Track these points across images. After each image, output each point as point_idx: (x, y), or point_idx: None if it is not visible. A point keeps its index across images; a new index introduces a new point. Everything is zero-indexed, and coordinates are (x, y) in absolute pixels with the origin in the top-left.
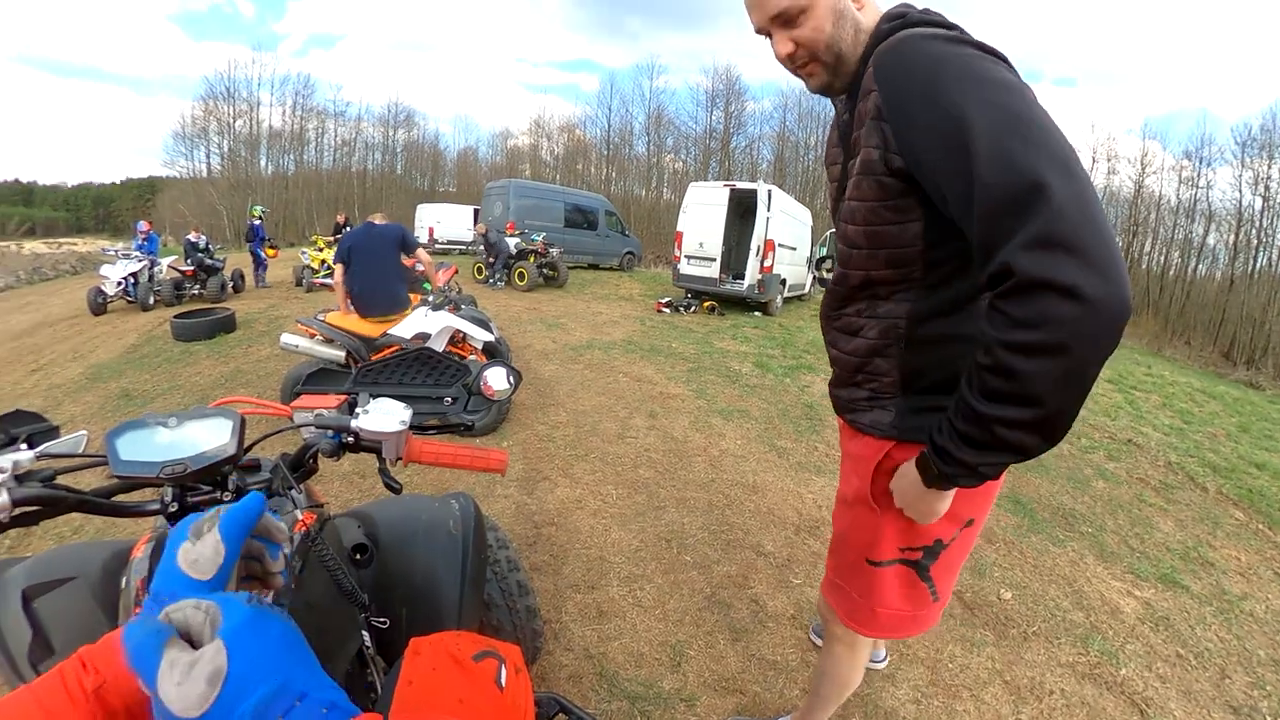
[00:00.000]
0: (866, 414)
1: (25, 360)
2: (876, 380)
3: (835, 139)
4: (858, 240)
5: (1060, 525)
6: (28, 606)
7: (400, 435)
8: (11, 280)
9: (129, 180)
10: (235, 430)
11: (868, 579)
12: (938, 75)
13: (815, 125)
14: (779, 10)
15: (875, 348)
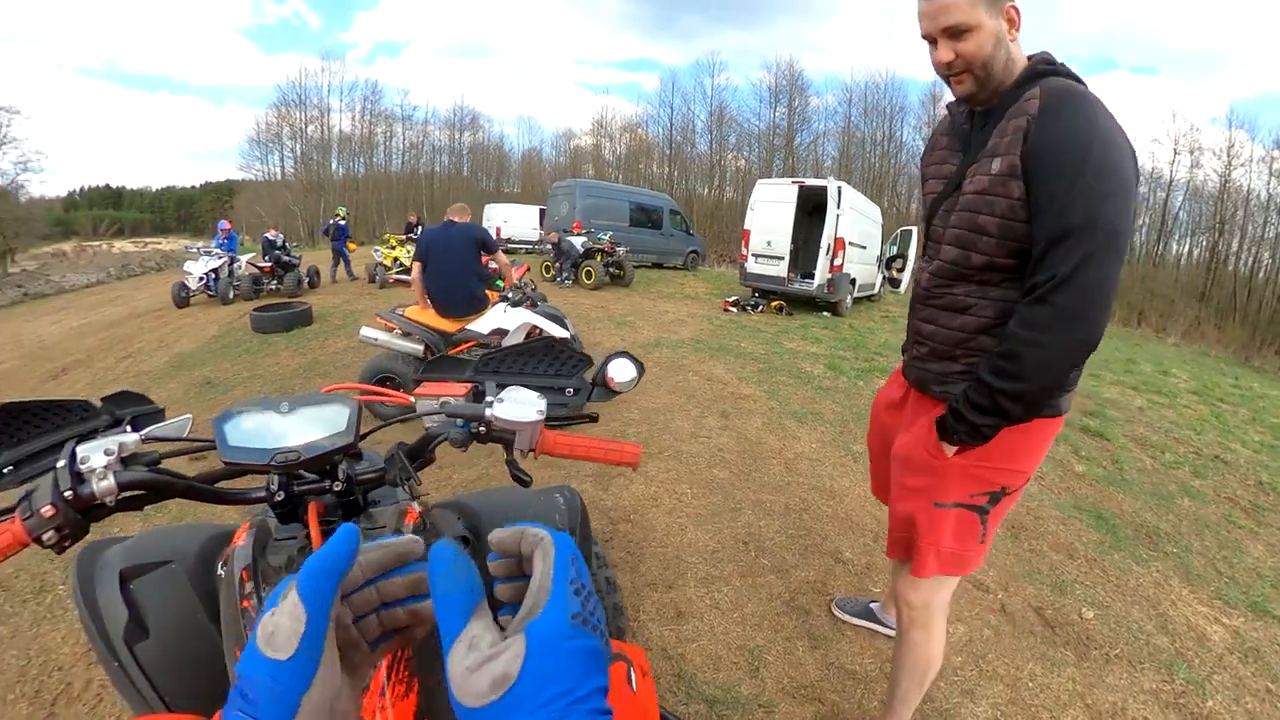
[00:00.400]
0: (960, 384)
1: (116, 348)
2: (975, 356)
3: (947, 141)
4: (989, 228)
5: (1144, 544)
6: (125, 587)
7: (536, 426)
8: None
9: (208, 184)
10: (353, 418)
11: (935, 520)
12: (1090, 147)
13: (881, 120)
14: (952, 24)
15: (984, 326)
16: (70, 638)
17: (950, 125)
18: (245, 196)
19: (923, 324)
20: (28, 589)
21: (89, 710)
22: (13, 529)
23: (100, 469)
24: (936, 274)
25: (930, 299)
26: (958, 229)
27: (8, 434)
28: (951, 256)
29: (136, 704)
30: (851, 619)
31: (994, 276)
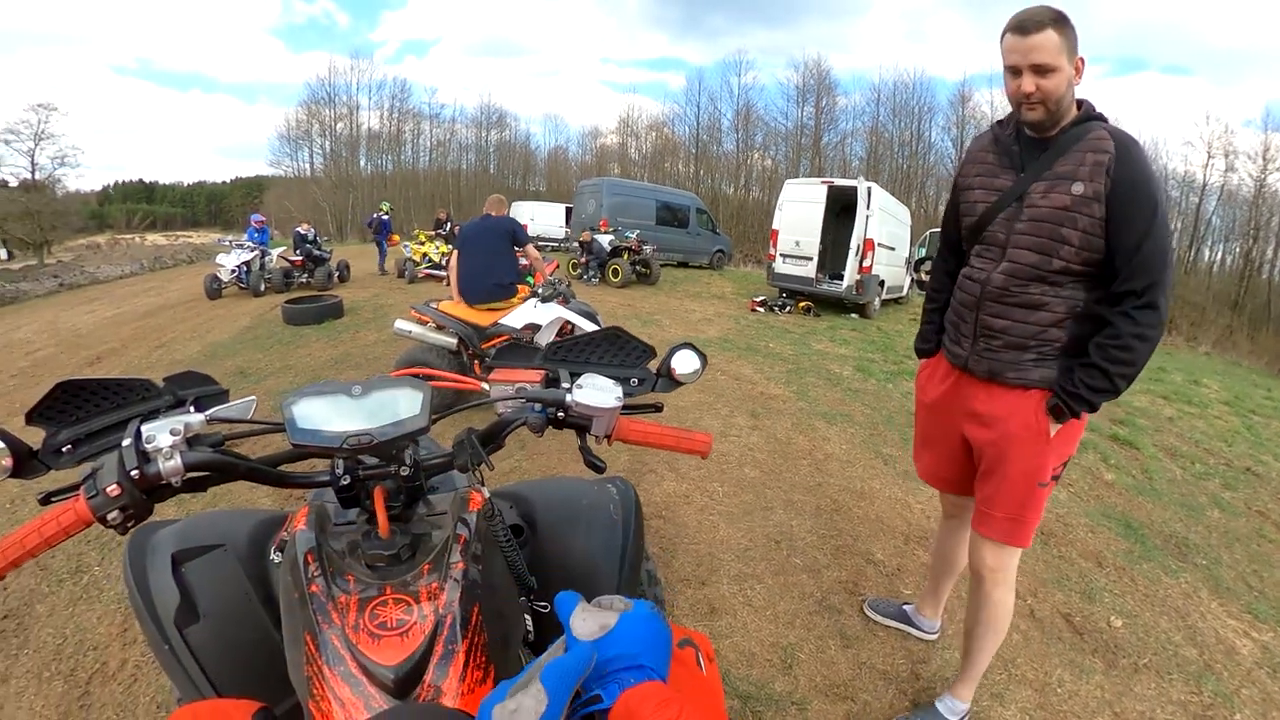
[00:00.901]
0: (1034, 371)
1: (150, 338)
2: (1047, 345)
3: (994, 159)
4: (1072, 239)
5: (1173, 554)
6: (177, 570)
7: (613, 413)
8: (136, 268)
9: (238, 179)
10: (426, 402)
11: (1036, 499)
12: (1157, 189)
13: (909, 120)
14: (1041, 63)
15: (1055, 320)
16: (106, 618)
17: (994, 143)
18: (275, 192)
19: (994, 319)
20: (64, 569)
21: (124, 690)
22: (76, 508)
23: (166, 449)
24: (1011, 275)
25: (1004, 297)
26: (1035, 236)
27: (68, 412)
28: (1031, 260)
29: (185, 687)
30: (884, 620)
31: (1064, 279)
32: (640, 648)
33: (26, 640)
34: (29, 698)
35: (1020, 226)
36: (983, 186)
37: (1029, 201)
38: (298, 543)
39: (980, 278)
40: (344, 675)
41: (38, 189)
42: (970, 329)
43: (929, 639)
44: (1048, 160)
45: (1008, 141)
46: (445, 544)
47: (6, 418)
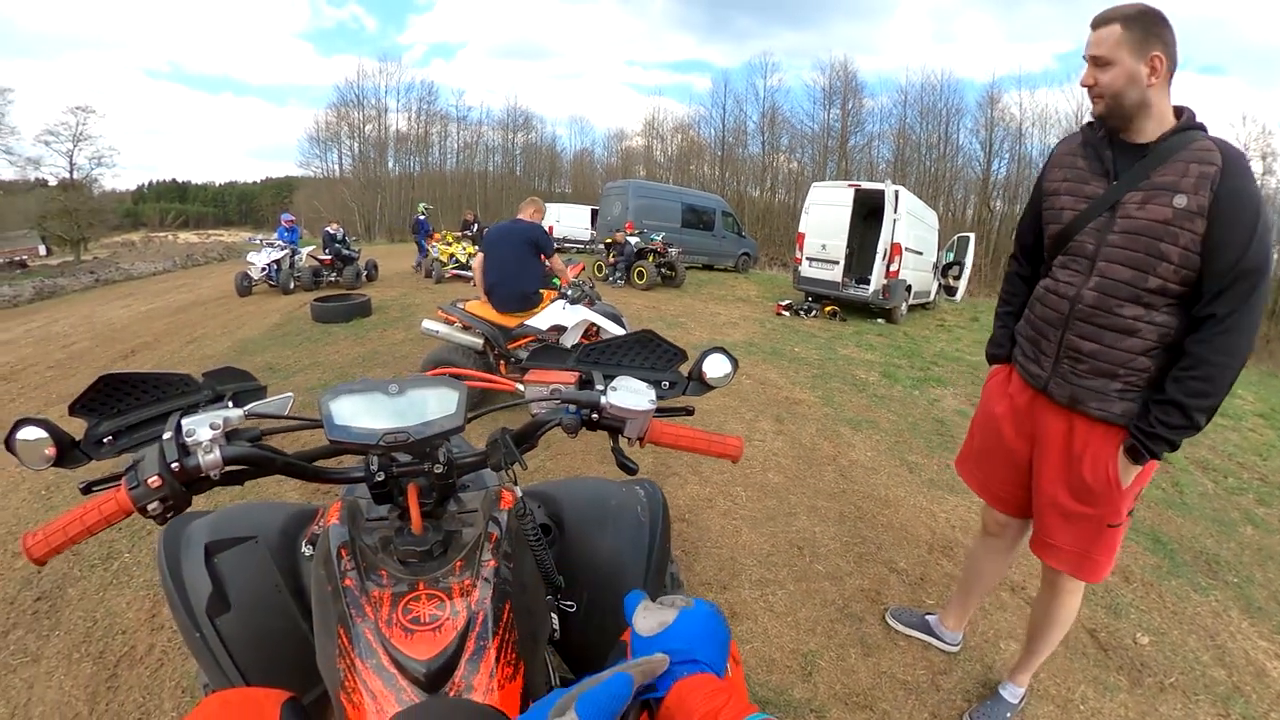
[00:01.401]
0: (1117, 404)
1: (182, 333)
2: (1135, 375)
3: (1085, 164)
4: (1171, 256)
5: (1203, 571)
6: (209, 560)
7: (646, 415)
8: (168, 264)
9: (268, 179)
10: (462, 401)
11: (1109, 539)
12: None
13: (937, 122)
14: (1096, 55)
15: (1147, 349)
16: (135, 603)
17: (1084, 147)
18: (304, 192)
19: (1082, 341)
20: (96, 555)
21: (150, 674)
22: (118, 498)
23: (206, 442)
24: (1104, 292)
25: (1096, 318)
26: (1130, 250)
27: (109, 404)
28: (1125, 277)
29: (215, 675)
30: (905, 629)
31: (1159, 301)
32: (696, 644)
33: (58, 622)
34: (59, 677)
35: (1113, 238)
36: (1071, 193)
37: (1123, 212)
38: (331, 537)
39: (1069, 294)
40: (376, 668)
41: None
42: (1053, 349)
43: (950, 650)
44: (1145, 168)
45: (1099, 145)
46: (477, 541)
47: (44, 406)
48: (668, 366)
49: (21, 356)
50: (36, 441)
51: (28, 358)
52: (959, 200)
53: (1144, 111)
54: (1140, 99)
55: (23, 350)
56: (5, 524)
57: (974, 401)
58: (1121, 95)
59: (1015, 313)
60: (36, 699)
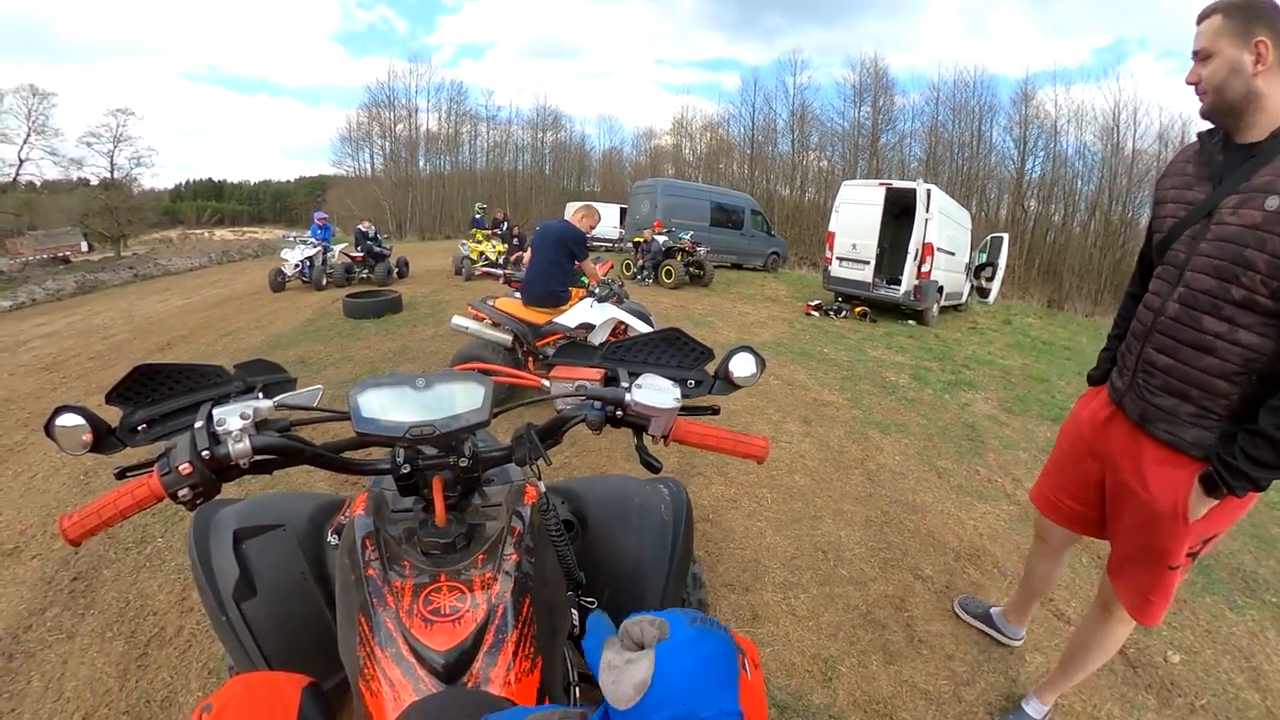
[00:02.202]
0: (1189, 430)
1: (216, 326)
2: (1212, 400)
3: (1193, 169)
4: (1257, 264)
5: (1239, 589)
6: (238, 547)
7: (671, 414)
8: (204, 260)
9: (302, 178)
10: (488, 396)
11: (1166, 582)
12: None
13: (969, 120)
14: (1198, 48)
15: (1227, 371)
16: (166, 586)
17: (1198, 153)
18: (336, 191)
19: (1157, 354)
20: (130, 538)
21: (179, 655)
22: (150, 484)
23: (236, 432)
24: (1185, 303)
25: (1175, 331)
26: (1215, 259)
27: (144, 393)
28: (1208, 287)
29: (239, 658)
30: (969, 619)
31: (1246, 317)
32: (691, 694)
33: (93, 601)
34: (92, 654)
35: (1204, 246)
36: (1175, 200)
37: (1218, 218)
38: (356, 527)
39: (1154, 305)
40: (395, 657)
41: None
42: (1134, 361)
43: (1013, 644)
44: (1248, 171)
45: (1212, 150)
46: (500, 535)
47: (84, 395)
48: (694, 365)
49: (64, 347)
50: (74, 428)
51: (69, 349)
52: (992, 200)
53: (1254, 104)
54: (1245, 90)
55: (65, 342)
56: (46, 507)
57: (1006, 406)
58: (1224, 88)
59: (1121, 334)
60: (70, 674)
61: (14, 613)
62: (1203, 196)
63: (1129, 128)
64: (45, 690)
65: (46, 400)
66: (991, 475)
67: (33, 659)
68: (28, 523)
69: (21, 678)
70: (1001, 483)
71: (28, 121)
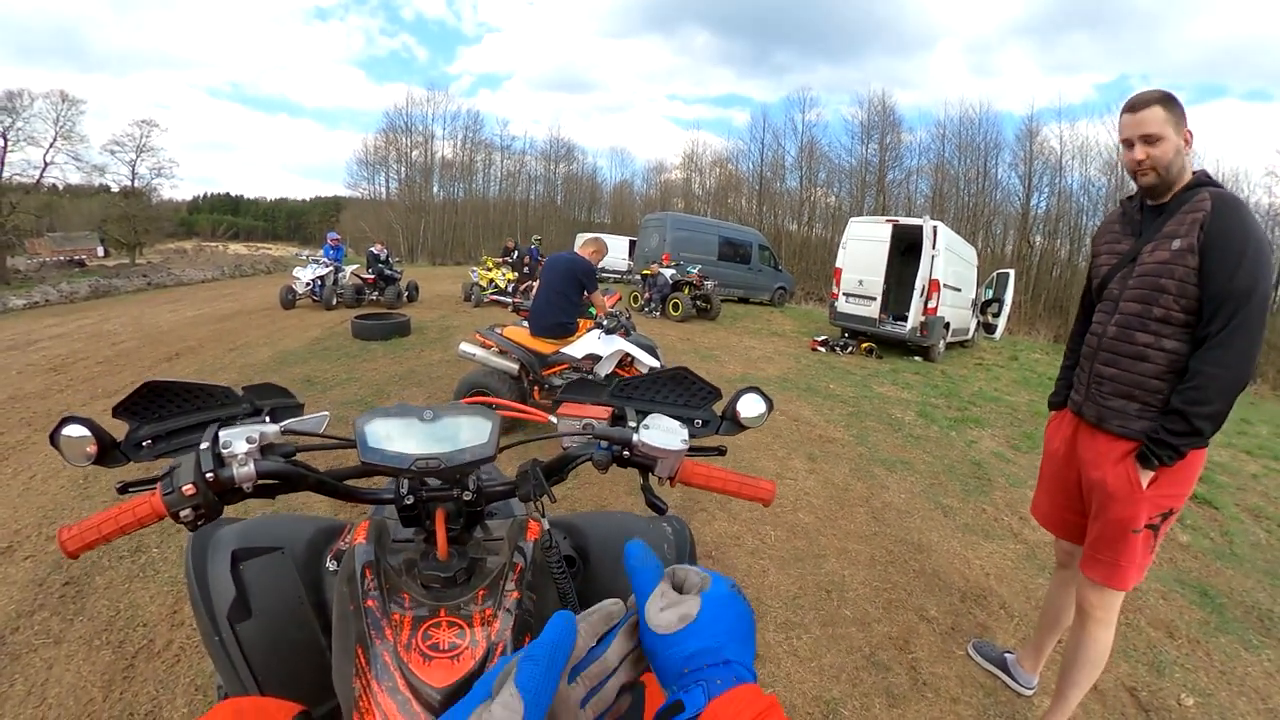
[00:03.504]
0: (1136, 422)
1: (225, 340)
2: (1150, 396)
3: (1119, 228)
4: (1169, 288)
5: (1255, 628)
6: (235, 568)
7: (678, 455)
8: (217, 273)
9: (317, 198)
10: (495, 431)
11: (1130, 544)
12: (1248, 239)
13: (975, 157)
14: (1149, 133)
15: (1158, 373)
16: (158, 598)
17: (1122, 215)
18: (351, 212)
19: (1104, 367)
20: (125, 547)
21: (166, 669)
22: (152, 502)
23: (241, 455)
24: (1121, 324)
25: (1115, 347)
26: (1140, 289)
27: (151, 409)
28: (1136, 310)
29: (230, 680)
30: (984, 663)
31: (1166, 329)
32: (724, 639)
33: (83, 608)
34: (78, 662)
35: (1131, 281)
36: (1108, 251)
37: (1140, 260)
38: (357, 556)
39: (1098, 330)
40: (391, 691)
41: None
42: (1086, 376)
43: (1025, 693)
44: (1159, 224)
45: (1133, 211)
46: (501, 571)
47: (90, 399)
48: (702, 404)
49: (73, 350)
50: (79, 439)
51: (79, 351)
52: (998, 236)
53: (1180, 178)
54: (1180, 167)
55: (75, 344)
56: (43, 509)
57: (1013, 444)
58: (1170, 166)
59: (1072, 365)
60: (54, 680)
61: (2, 613)
62: (1128, 247)
63: None
64: (28, 694)
65: (52, 401)
66: (998, 514)
67: (17, 661)
68: (23, 522)
69: (4, 679)
70: (1008, 521)
71: (55, 126)
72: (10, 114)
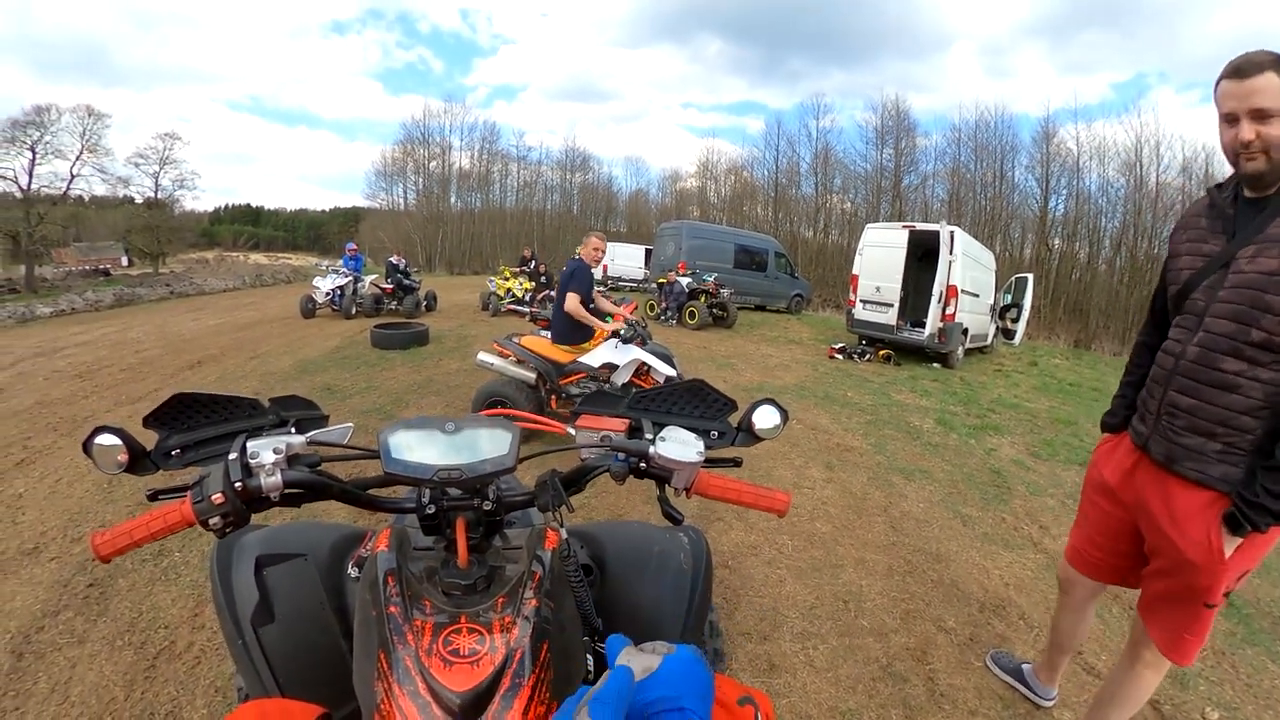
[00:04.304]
0: (1215, 466)
1: (246, 349)
2: (1236, 435)
3: (1206, 223)
4: (1275, 307)
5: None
6: (259, 573)
7: (694, 467)
8: (238, 283)
9: (336, 209)
10: (515, 442)
11: (1203, 620)
12: None
13: (991, 160)
14: (1261, 107)
15: (1251, 408)
16: (179, 600)
17: (1209, 208)
18: (369, 223)
19: (1180, 396)
20: (149, 550)
21: (187, 670)
22: (182, 509)
23: (269, 465)
24: (1205, 345)
25: (1196, 373)
26: (1233, 303)
27: (181, 420)
28: (1227, 330)
29: (253, 682)
30: (1001, 674)
31: (1265, 356)
32: (682, 690)
33: (106, 609)
34: (100, 661)
35: (1222, 294)
36: (1190, 253)
37: (1235, 267)
38: (379, 563)
39: (1175, 350)
40: (412, 695)
41: (159, 207)
42: (1156, 405)
43: (1044, 704)
44: (1262, 222)
45: (1223, 205)
46: (520, 579)
47: (114, 406)
48: (717, 416)
49: (99, 357)
50: (111, 448)
51: (104, 359)
52: (1016, 239)
53: None
54: None
55: (99, 351)
56: (69, 512)
57: (1033, 451)
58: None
59: (1137, 382)
60: (77, 679)
61: (28, 612)
62: (1218, 249)
63: (1152, 162)
64: (51, 692)
65: (77, 406)
66: (1018, 523)
67: (42, 660)
68: (49, 524)
69: (29, 677)
70: (1028, 530)
71: (81, 140)
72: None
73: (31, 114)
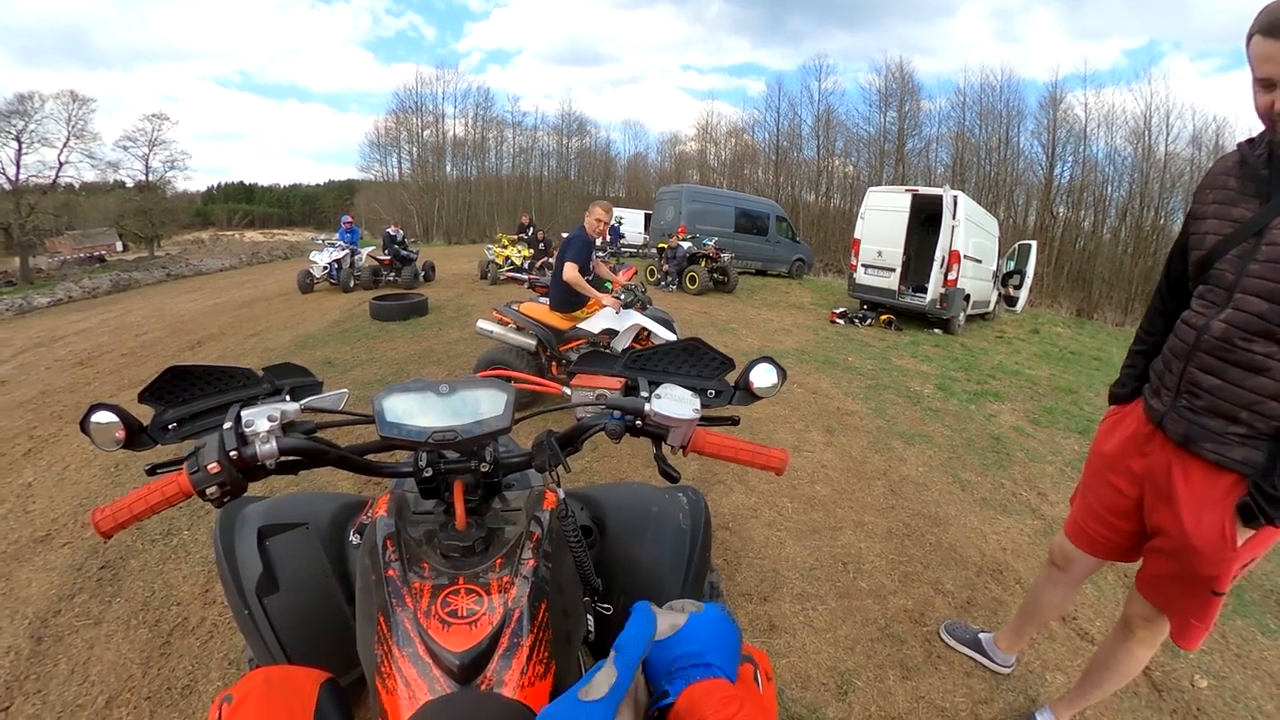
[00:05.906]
0: (1237, 449)
1: (245, 326)
2: (1262, 420)
3: (1237, 184)
4: None
5: (1272, 612)
6: (262, 543)
7: (690, 424)
8: (235, 262)
9: (330, 182)
10: (510, 403)
11: (1211, 608)
12: None
13: (996, 125)
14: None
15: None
16: (190, 577)
17: (1240, 166)
18: (365, 195)
19: (1204, 375)
20: (157, 530)
21: (201, 645)
22: (179, 481)
23: (264, 433)
24: (1232, 323)
25: (1222, 351)
26: (1269, 281)
27: (176, 393)
28: (1260, 309)
29: (260, 651)
30: (957, 645)
31: None
32: (707, 647)
33: (120, 590)
34: (116, 641)
35: (1254, 267)
36: (1217, 216)
37: (1269, 238)
38: (378, 528)
39: (1198, 324)
40: (412, 657)
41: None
42: (1175, 381)
43: (1002, 672)
44: None
45: (1256, 164)
46: (518, 540)
47: (117, 391)
48: (715, 375)
49: (99, 344)
50: (108, 425)
51: (104, 345)
52: (1020, 206)
53: None
54: None
55: (99, 338)
56: (78, 497)
57: (1032, 418)
58: None
59: (1148, 351)
60: (95, 659)
61: (44, 597)
62: (1249, 214)
63: (1161, 131)
64: (71, 673)
65: (81, 394)
66: (1016, 489)
67: (60, 643)
68: (60, 511)
69: (49, 660)
70: (1026, 496)
71: (68, 126)
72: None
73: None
